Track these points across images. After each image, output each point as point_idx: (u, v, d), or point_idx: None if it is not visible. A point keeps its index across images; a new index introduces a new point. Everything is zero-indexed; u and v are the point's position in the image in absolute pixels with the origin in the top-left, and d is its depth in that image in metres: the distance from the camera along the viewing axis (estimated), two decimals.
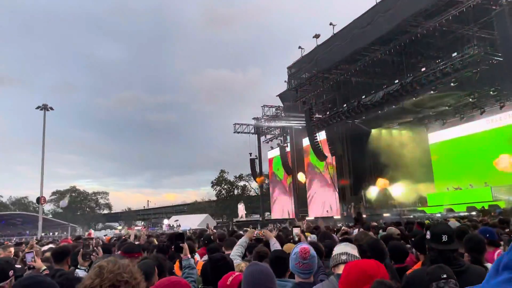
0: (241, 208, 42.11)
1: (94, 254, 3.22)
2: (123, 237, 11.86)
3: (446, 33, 20.72)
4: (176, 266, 4.41)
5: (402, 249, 3.97)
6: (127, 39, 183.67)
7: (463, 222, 6.55)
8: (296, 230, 4.04)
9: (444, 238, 2.75)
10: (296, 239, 3.85)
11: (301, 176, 34.31)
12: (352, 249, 2.74)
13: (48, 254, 5.79)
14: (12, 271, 3.12)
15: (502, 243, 4.11)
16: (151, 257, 4.07)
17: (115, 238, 11.41)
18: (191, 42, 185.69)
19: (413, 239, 4.44)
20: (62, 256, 4.19)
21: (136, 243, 7.36)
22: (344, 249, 2.74)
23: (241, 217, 40.54)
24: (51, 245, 7.33)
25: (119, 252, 4.79)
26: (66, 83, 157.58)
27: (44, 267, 3.83)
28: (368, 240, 3.65)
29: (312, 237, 6.09)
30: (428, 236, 2.89)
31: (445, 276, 2.30)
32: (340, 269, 2.63)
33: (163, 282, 2.28)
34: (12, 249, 6.57)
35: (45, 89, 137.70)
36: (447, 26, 19.67)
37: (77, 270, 2.86)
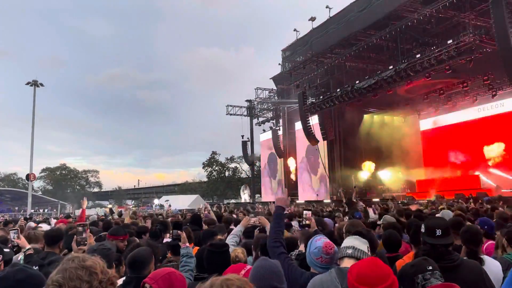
0: (245, 191, 42.15)
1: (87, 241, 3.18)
2: (101, 217, 11.83)
3: (442, 19, 20.61)
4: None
5: (396, 239, 3.97)
6: (118, 15, 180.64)
7: (455, 212, 6.57)
8: (306, 213, 3.84)
9: (438, 232, 2.73)
10: (307, 222, 3.69)
11: (291, 162, 34.42)
12: (361, 244, 2.61)
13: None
14: (1, 255, 3.07)
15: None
16: (142, 243, 4.03)
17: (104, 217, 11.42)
18: (183, 19, 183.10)
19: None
20: (55, 240, 4.14)
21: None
22: (352, 243, 2.62)
23: (244, 200, 40.58)
24: (44, 225, 7.20)
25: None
26: (55, 58, 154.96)
27: (29, 246, 3.75)
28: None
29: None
30: (423, 230, 2.86)
31: (430, 268, 2.33)
32: (344, 263, 2.56)
33: (157, 274, 2.23)
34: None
35: (34, 64, 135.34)
36: (443, 12, 19.55)
37: (72, 256, 2.81)
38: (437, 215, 5.36)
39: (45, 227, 6.67)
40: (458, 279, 2.39)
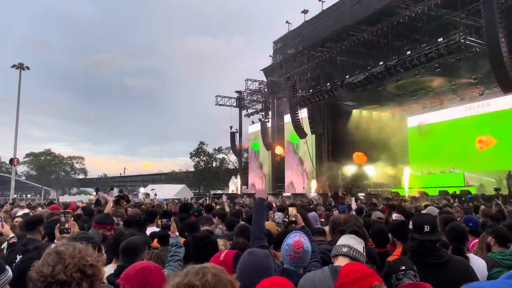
0: (235, 182, 41.92)
1: (70, 229, 3.12)
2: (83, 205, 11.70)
3: (434, 17, 20.72)
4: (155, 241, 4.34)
5: (384, 234, 3.99)
6: None
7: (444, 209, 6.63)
8: (292, 210, 3.75)
9: (426, 228, 2.74)
10: (292, 219, 3.67)
11: (279, 150, 34.36)
12: (357, 243, 2.57)
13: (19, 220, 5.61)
14: None
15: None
16: (123, 231, 3.99)
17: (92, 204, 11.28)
18: (174, 6, 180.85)
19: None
20: (34, 225, 4.07)
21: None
22: (347, 241, 2.58)
23: (232, 191, 40.45)
24: (26, 211, 7.06)
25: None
26: (41, 40, 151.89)
27: (12, 235, 3.70)
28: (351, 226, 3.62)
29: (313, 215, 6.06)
30: (410, 226, 2.87)
31: (403, 267, 2.35)
32: (339, 261, 2.52)
33: (130, 273, 2.11)
34: None
35: (19, 45, 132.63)
36: (435, 10, 19.65)
37: (53, 245, 2.77)
38: (422, 212, 5.40)
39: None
40: (445, 275, 2.41)
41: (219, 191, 53.32)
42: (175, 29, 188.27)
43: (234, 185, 41.09)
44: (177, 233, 3.64)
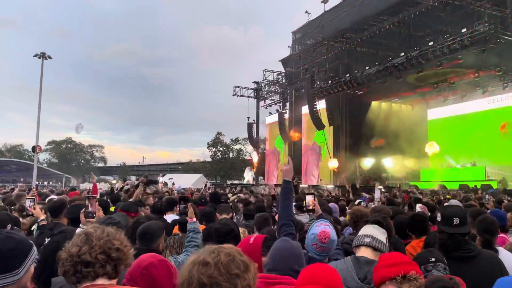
0: (249, 173, 41.94)
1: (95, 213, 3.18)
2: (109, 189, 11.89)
3: (458, 7, 20.19)
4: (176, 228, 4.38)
5: (404, 226, 3.93)
6: None
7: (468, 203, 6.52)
8: (310, 198, 3.68)
9: (456, 221, 2.67)
10: (310, 207, 3.56)
11: (296, 136, 33.99)
12: (379, 233, 2.54)
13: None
14: (10, 225, 3.08)
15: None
16: (142, 218, 4.05)
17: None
18: None
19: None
20: (59, 210, 4.16)
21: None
22: (370, 231, 2.55)
23: (247, 181, 40.56)
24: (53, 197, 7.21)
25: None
26: (62, 30, 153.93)
27: (43, 217, 3.81)
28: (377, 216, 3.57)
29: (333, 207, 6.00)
30: (439, 219, 2.80)
31: (433, 259, 2.31)
32: (361, 251, 2.50)
33: (135, 272, 2.03)
34: None
35: (40, 34, 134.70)
36: (459, 0, 19.16)
37: (78, 229, 2.84)
38: (445, 204, 5.32)
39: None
40: (475, 269, 2.36)
41: (236, 181, 53.52)
42: (194, 19, 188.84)
43: (250, 175, 41.12)
44: (194, 219, 3.66)
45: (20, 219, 4.36)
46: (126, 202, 5.05)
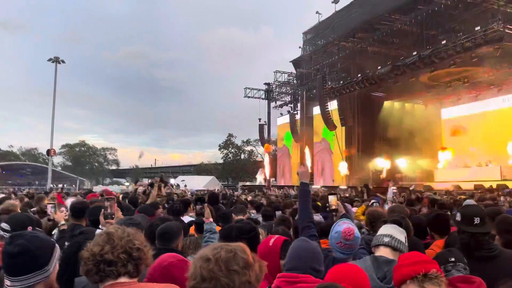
0: (263, 173, 41.60)
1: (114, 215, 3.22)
2: (130, 192, 12.00)
3: (471, 5, 19.97)
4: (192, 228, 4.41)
5: (422, 226, 3.90)
6: None
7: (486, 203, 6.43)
8: (332, 198, 3.67)
9: (476, 220, 2.64)
10: (333, 207, 3.54)
11: (308, 146, 34.03)
12: (398, 233, 2.53)
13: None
14: (30, 227, 3.13)
15: None
16: (157, 219, 4.08)
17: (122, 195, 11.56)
18: None
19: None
20: (81, 212, 4.21)
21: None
22: (389, 231, 2.54)
23: (260, 182, 40.40)
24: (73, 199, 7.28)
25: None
26: (73, 34, 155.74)
27: (63, 222, 3.87)
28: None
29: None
30: (458, 218, 2.76)
31: (453, 259, 2.28)
32: (380, 251, 2.49)
33: (155, 272, 2.11)
34: (18, 202, 6.21)
35: (52, 39, 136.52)
36: None
37: (98, 230, 2.87)
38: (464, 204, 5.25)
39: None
40: (497, 269, 2.33)
41: (248, 183, 53.56)
42: (204, 22, 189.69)
43: (262, 176, 40.98)
44: (211, 219, 3.68)
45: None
46: (144, 205, 5.11)
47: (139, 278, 1.86)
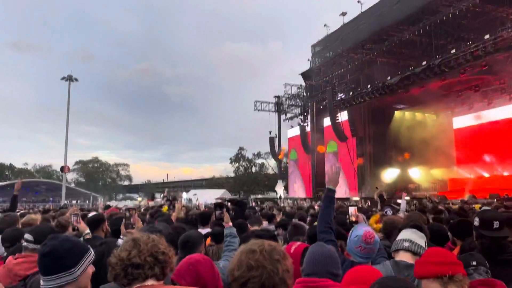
0: (281, 186, 40.64)
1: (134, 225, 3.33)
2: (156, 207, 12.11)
3: (479, 14, 19.99)
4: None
5: (442, 233, 3.89)
6: (144, 10, 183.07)
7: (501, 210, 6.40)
8: (352, 209, 3.70)
9: (496, 224, 2.64)
10: (353, 219, 3.55)
11: (320, 148, 33.73)
12: (418, 238, 2.53)
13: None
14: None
15: None
16: (179, 227, 4.16)
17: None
18: (209, 13, 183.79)
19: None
20: (97, 224, 4.34)
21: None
22: (409, 236, 2.55)
23: (280, 196, 39.78)
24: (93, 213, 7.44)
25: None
26: (85, 53, 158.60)
27: (88, 231, 4.00)
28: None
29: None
30: (476, 223, 2.76)
31: (474, 263, 2.28)
32: (400, 256, 2.51)
33: (182, 268, 2.16)
34: (39, 216, 6.43)
35: (64, 58, 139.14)
36: (480, 7, 18.97)
37: (119, 240, 2.96)
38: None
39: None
40: None
41: (259, 196, 53.44)
42: (213, 37, 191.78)
43: (282, 189, 39.97)
44: (230, 224, 3.74)
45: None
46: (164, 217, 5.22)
47: (164, 280, 1.94)
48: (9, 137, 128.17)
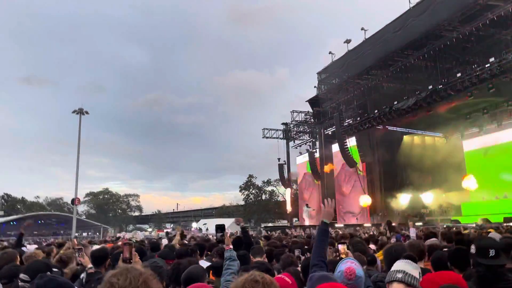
0: (307, 210, 38.24)
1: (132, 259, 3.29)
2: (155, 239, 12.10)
3: (483, 37, 20.12)
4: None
5: (443, 261, 3.81)
6: (152, 42, 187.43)
7: (504, 235, 6.25)
8: (341, 247, 3.64)
9: (491, 252, 2.61)
10: (343, 256, 3.52)
11: (329, 167, 33.19)
12: (412, 268, 2.46)
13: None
14: (49, 272, 3.24)
15: None
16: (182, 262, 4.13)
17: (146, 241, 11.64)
18: (216, 42, 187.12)
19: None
20: (102, 260, 4.31)
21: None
22: (403, 267, 2.48)
23: (305, 221, 37.71)
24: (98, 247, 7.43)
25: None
26: (94, 85, 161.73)
27: (91, 266, 3.99)
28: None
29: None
30: (473, 251, 2.73)
31: None
32: (393, 287, 2.43)
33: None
34: (40, 252, 6.40)
35: (74, 91, 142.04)
36: (483, 30, 19.11)
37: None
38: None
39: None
40: None
41: (270, 224, 52.90)
42: (220, 66, 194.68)
43: (308, 213, 37.47)
44: (231, 246, 3.71)
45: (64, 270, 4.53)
46: (165, 249, 5.19)
47: None
48: (20, 170, 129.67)
